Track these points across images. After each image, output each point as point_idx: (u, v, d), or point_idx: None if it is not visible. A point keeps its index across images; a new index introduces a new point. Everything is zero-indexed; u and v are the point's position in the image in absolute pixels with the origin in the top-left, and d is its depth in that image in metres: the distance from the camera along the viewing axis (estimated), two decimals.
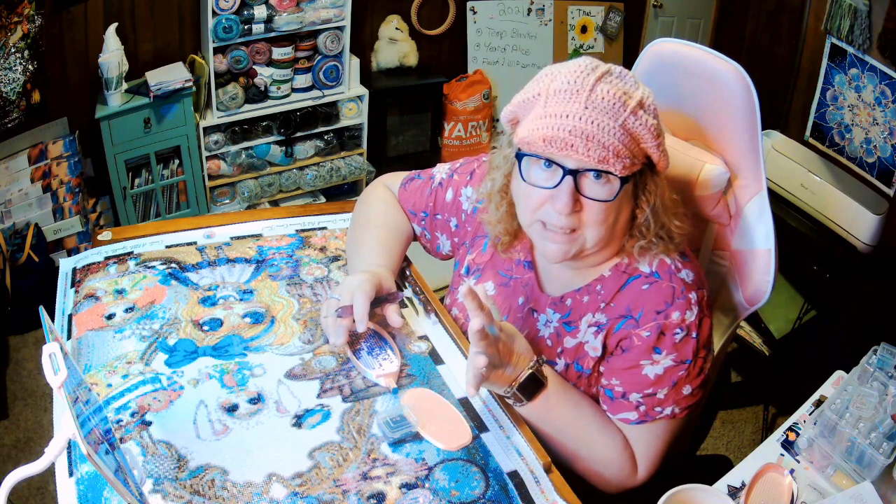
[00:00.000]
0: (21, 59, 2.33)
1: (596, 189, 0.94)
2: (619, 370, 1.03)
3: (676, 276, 1.02)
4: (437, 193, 1.25)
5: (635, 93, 0.93)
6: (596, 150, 0.89)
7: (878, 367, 1.12)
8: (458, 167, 1.26)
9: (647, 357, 1.01)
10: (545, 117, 0.92)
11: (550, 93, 0.93)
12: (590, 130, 0.89)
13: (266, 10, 2.70)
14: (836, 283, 2.16)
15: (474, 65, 3.49)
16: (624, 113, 0.91)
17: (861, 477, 1.02)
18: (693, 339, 1.01)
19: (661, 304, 1.00)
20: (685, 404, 1.03)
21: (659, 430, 1.03)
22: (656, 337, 1.00)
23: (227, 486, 0.87)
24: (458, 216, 1.24)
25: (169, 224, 1.39)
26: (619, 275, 1.05)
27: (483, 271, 1.19)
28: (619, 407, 1.04)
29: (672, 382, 1.01)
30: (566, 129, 0.90)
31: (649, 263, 1.03)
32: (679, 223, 1.02)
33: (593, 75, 0.92)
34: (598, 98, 0.90)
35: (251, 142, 2.95)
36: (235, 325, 1.13)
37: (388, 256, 1.21)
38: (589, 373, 1.08)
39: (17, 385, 2.29)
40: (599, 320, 1.06)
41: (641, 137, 0.93)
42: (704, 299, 1.03)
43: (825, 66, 2.42)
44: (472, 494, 0.89)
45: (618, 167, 0.91)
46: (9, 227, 2.49)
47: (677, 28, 3.51)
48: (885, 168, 2.24)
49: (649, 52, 1.23)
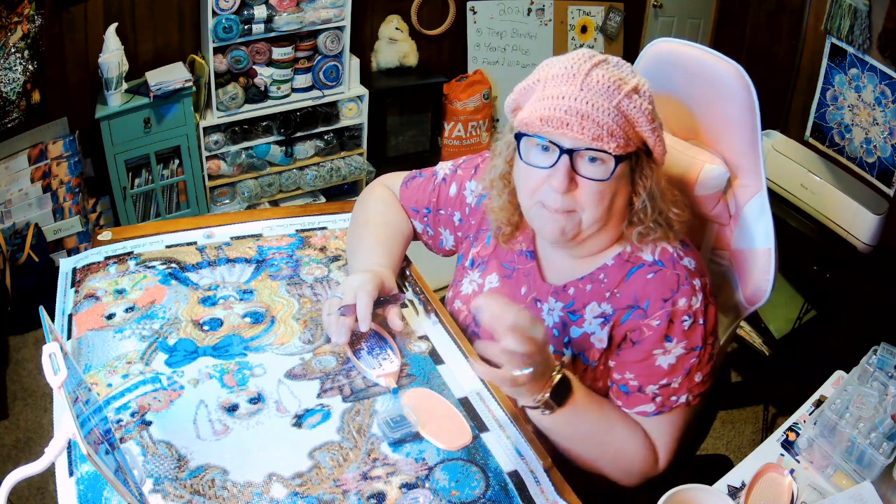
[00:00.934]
0: (21, 59, 2.33)
1: (591, 169, 0.96)
2: (633, 363, 1.04)
3: (679, 263, 1.03)
4: (441, 189, 1.26)
5: (631, 80, 0.96)
6: (591, 129, 0.93)
7: (878, 367, 1.12)
8: (461, 163, 1.28)
9: (660, 346, 1.02)
10: (543, 99, 0.95)
11: (549, 78, 0.97)
12: (585, 110, 0.92)
13: (266, 10, 2.70)
14: (836, 283, 2.16)
15: (474, 65, 3.49)
16: (618, 95, 0.94)
17: (861, 477, 1.02)
18: (701, 326, 1.02)
19: (667, 292, 1.01)
20: (698, 391, 1.04)
21: (675, 418, 1.05)
22: (666, 325, 1.01)
23: (227, 485, 0.87)
24: (461, 210, 1.25)
25: (169, 224, 1.39)
26: (623, 263, 1.06)
27: (487, 264, 1.20)
28: (636, 400, 1.04)
29: (685, 371, 1.02)
30: (562, 108, 0.93)
31: (652, 251, 1.04)
32: (677, 210, 1.04)
33: (590, 62, 0.96)
34: (592, 81, 0.94)
35: (251, 142, 2.94)
36: (235, 324, 1.13)
37: (389, 256, 1.21)
38: (594, 365, 1.07)
39: (17, 385, 2.29)
40: (605, 311, 1.06)
41: (636, 120, 0.95)
42: (708, 286, 1.04)
43: (825, 66, 2.42)
44: (472, 494, 0.89)
45: (612, 146, 0.93)
46: (9, 227, 2.49)
47: (677, 28, 3.51)
48: (885, 168, 2.24)
49: (649, 52, 1.24)
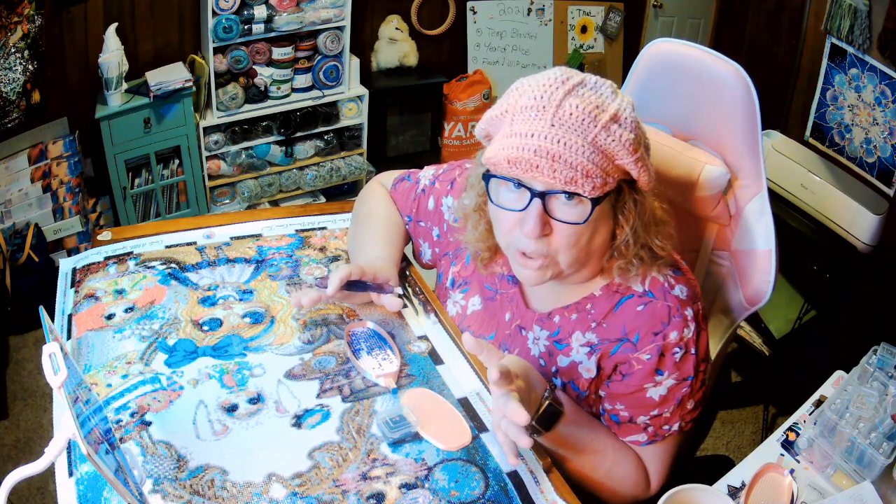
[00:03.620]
0: (21, 59, 2.33)
1: (567, 211, 0.89)
2: (622, 395, 1.01)
3: (670, 293, 0.98)
4: (420, 200, 1.23)
5: (610, 105, 0.88)
6: (563, 171, 0.84)
7: (878, 367, 1.12)
8: (440, 174, 1.23)
9: (650, 380, 0.99)
10: (510, 136, 0.87)
11: (517, 110, 0.88)
12: (556, 150, 0.84)
13: (266, 10, 2.70)
14: (836, 283, 2.16)
15: (474, 65, 3.49)
16: (594, 129, 0.85)
17: (861, 477, 1.02)
18: (692, 356, 0.99)
19: (657, 325, 0.97)
20: (689, 418, 1.02)
21: (668, 446, 1.03)
22: (657, 359, 0.97)
23: (226, 486, 0.87)
24: (440, 226, 1.21)
25: (169, 224, 1.39)
26: (611, 294, 1.01)
27: (470, 285, 1.17)
28: (628, 430, 1.02)
29: (677, 401, 1.00)
30: (531, 149, 0.85)
31: (641, 281, 0.99)
32: (661, 243, 0.97)
33: (562, 89, 0.87)
34: (565, 114, 0.85)
35: (251, 142, 2.95)
36: (235, 325, 1.13)
37: (388, 249, 1.21)
38: (585, 395, 1.04)
39: (17, 385, 2.29)
40: (591, 340, 1.02)
41: (615, 154, 0.87)
42: (700, 313, 1.00)
43: (825, 66, 2.42)
44: (471, 494, 0.89)
45: (587, 188, 0.85)
46: (9, 227, 2.49)
47: (677, 28, 3.51)
48: (885, 168, 2.23)
49: (649, 52, 1.23)
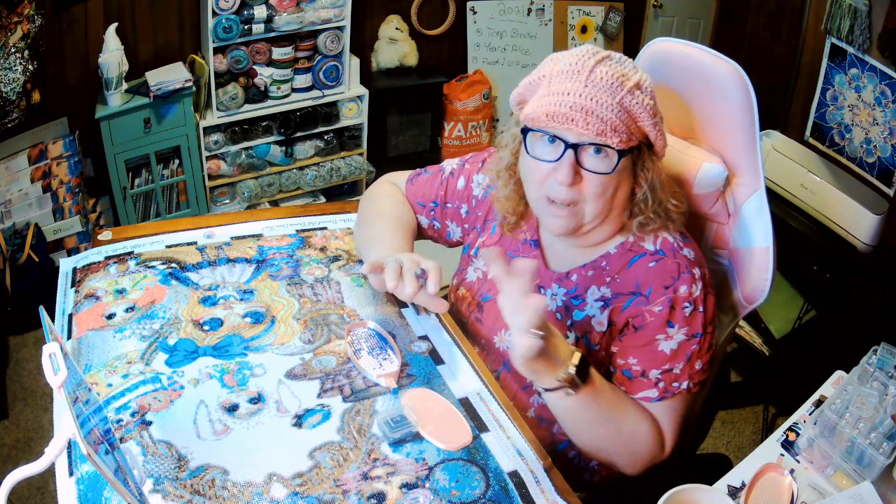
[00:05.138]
0: (21, 59, 2.33)
1: (595, 162, 0.99)
2: (636, 347, 1.06)
3: (680, 252, 1.07)
4: (449, 182, 1.30)
5: (633, 76, 0.99)
6: (594, 124, 0.96)
7: (878, 367, 1.12)
8: (468, 158, 1.32)
9: (662, 331, 1.05)
10: (549, 95, 0.99)
11: (554, 74, 1.00)
12: (589, 105, 0.96)
13: (266, 10, 2.70)
14: (835, 282, 2.16)
15: (474, 65, 3.49)
16: (621, 92, 0.97)
17: (861, 477, 1.02)
18: (700, 313, 1.05)
19: (668, 280, 1.05)
20: (697, 379, 1.06)
21: (677, 404, 1.07)
22: (668, 311, 1.04)
23: (227, 485, 0.87)
24: (468, 202, 1.29)
25: (169, 224, 1.39)
26: (625, 252, 1.10)
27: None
28: (639, 385, 1.06)
29: (686, 357, 1.05)
30: (567, 104, 0.96)
31: (653, 241, 1.08)
32: (676, 202, 1.07)
33: (594, 59, 0.99)
34: (597, 78, 0.97)
35: (251, 142, 2.95)
36: (236, 324, 1.13)
37: (404, 247, 1.23)
38: (596, 348, 1.10)
39: (17, 385, 2.29)
40: (605, 294, 1.09)
41: (638, 116, 0.98)
42: (706, 276, 1.08)
43: (825, 66, 2.42)
44: (472, 494, 0.89)
45: (615, 140, 0.97)
46: (9, 227, 2.49)
47: (677, 28, 3.51)
48: (885, 168, 2.23)
49: (648, 51, 1.24)
